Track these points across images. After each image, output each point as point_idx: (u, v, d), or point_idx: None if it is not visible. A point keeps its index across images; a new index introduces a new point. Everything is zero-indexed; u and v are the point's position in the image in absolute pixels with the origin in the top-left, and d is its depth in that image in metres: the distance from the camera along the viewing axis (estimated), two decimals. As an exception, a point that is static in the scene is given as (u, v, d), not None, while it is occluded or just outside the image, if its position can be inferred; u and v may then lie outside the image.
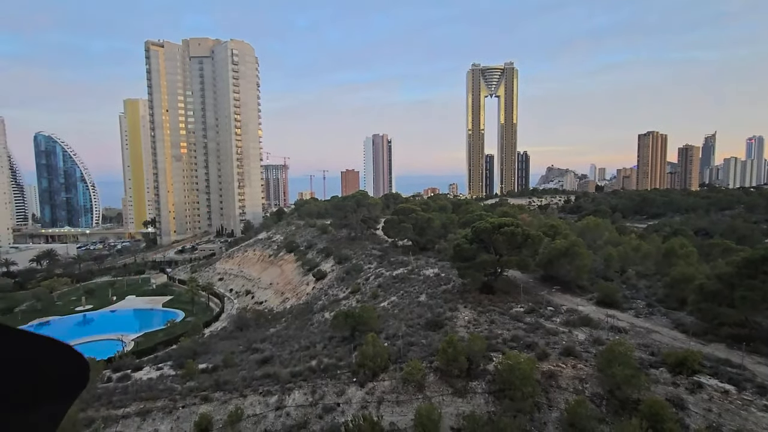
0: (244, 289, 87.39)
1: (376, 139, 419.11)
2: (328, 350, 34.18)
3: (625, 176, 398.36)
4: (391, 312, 42.14)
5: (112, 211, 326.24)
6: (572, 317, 33.38)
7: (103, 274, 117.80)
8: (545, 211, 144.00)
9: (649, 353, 26.25)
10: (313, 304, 59.13)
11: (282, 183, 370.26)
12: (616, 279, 44.13)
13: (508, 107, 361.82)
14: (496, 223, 41.39)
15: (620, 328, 31.01)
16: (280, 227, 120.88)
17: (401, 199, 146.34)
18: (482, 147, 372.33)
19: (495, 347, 28.08)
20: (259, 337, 47.26)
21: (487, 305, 37.99)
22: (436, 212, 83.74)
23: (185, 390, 29.14)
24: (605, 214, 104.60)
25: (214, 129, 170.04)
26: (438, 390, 25.40)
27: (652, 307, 35.73)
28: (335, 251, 77.34)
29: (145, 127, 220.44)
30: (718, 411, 20.61)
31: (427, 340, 31.22)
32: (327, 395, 26.55)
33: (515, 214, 75.70)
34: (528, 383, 22.76)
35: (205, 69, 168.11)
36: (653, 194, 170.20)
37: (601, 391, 23.24)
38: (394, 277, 54.14)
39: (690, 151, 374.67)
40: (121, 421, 26.96)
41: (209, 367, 34.22)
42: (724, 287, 28.13)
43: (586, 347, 27.53)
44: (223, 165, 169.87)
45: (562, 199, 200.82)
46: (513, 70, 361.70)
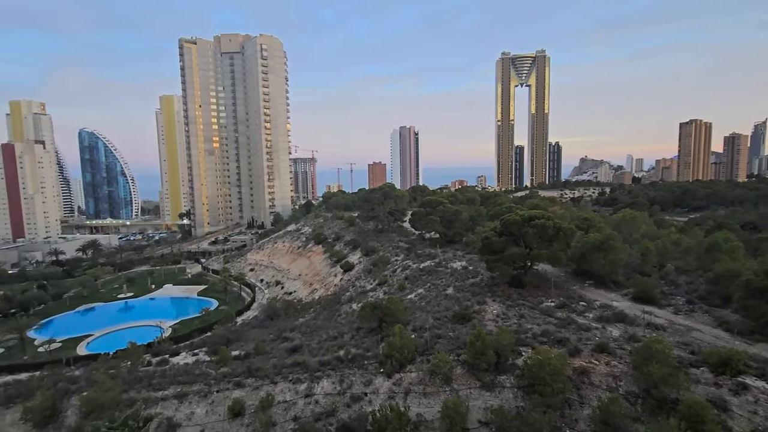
0: (274, 280, 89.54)
1: (403, 131, 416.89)
2: (356, 341, 34.59)
3: (665, 167, 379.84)
4: (418, 304, 42.11)
5: (150, 204, 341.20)
6: (606, 313, 32.32)
7: (142, 263, 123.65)
8: (578, 203, 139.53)
9: (689, 352, 25.09)
10: (340, 296, 59.91)
11: (310, 176, 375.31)
12: (653, 274, 42.26)
13: (540, 96, 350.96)
14: (526, 216, 40.42)
15: (658, 325, 29.76)
16: (309, 219, 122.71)
17: (428, 191, 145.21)
18: (512, 138, 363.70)
19: (524, 342, 27.59)
20: (289, 327, 48.39)
21: (516, 299, 37.32)
22: (464, 205, 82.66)
23: (219, 375, 30.28)
24: (642, 206, 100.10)
25: (245, 123, 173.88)
26: (465, 383, 25.25)
27: (692, 304, 34.08)
28: (362, 243, 77.86)
29: (179, 122, 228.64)
30: (765, 414, 19.50)
31: (454, 333, 31.04)
32: (354, 385, 26.92)
33: (546, 207, 73.75)
34: (558, 379, 22.25)
35: (235, 64, 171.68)
36: (695, 186, 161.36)
37: (636, 390, 22.45)
38: (421, 270, 54.00)
39: (737, 139, 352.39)
40: (160, 403, 28.37)
41: (241, 354, 35.38)
42: (774, 284, 26.44)
43: (620, 344, 26.61)
44: (253, 158, 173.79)
45: (596, 192, 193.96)
46: (545, 57, 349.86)
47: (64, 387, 33.20)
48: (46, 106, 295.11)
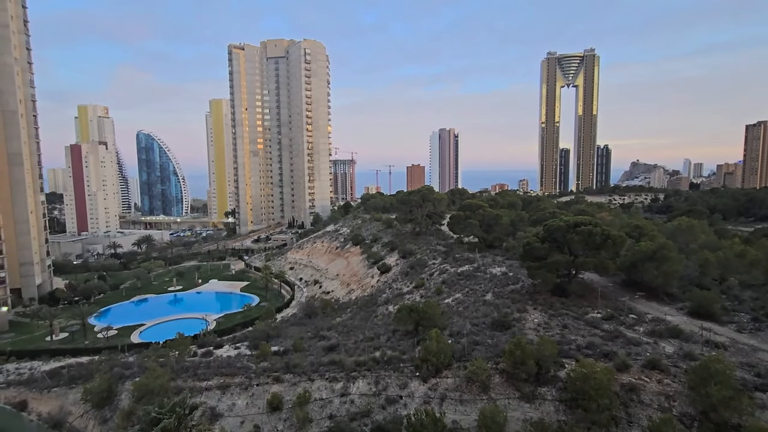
0: (313, 279, 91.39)
1: (443, 133, 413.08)
2: (392, 343, 34.59)
3: (728, 172, 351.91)
4: (455, 309, 41.49)
5: (198, 202, 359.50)
6: (659, 327, 30.35)
7: (190, 258, 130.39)
8: (628, 210, 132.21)
9: (754, 374, 23.03)
10: (377, 297, 60.16)
11: (349, 177, 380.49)
12: (713, 288, 39.19)
13: (588, 97, 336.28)
14: (571, 222, 38.81)
15: (718, 343, 27.55)
16: (347, 220, 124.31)
17: (467, 194, 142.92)
18: (556, 140, 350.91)
19: (567, 353, 26.45)
20: (326, 326, 49.18)
21: (559, 308, 35.87)
22: (505, 209, 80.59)
23: (259, 369, 31.29)
24: (701, 214, 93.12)
25: (287, 125, 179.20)
26: (503, 393, 24.55)
27: (759, 322, 31.29)
28: (400, 245, 77.82)
29: (227, 124, 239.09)
30: None
31: (492, 340, 30.30)
32: (390, 387, 26.90)
33: (593, 213, 70.44)
34: (605, 394, 21.13)
35: (280, 69, 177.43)
36: (763, 193, 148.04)
37: (692, 412, 20.89)
38: (459, 274, 53.19)
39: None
40: (204, 392, 29.72)
41: (281, 350, 36.38)
42: None
43: (674, 361, 24.87)
44: (294, 160, 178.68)
45: (648, 198, 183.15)
46: (594, 57, 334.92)
47: (119, 372, 35.59)
48: (108, 110, 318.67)
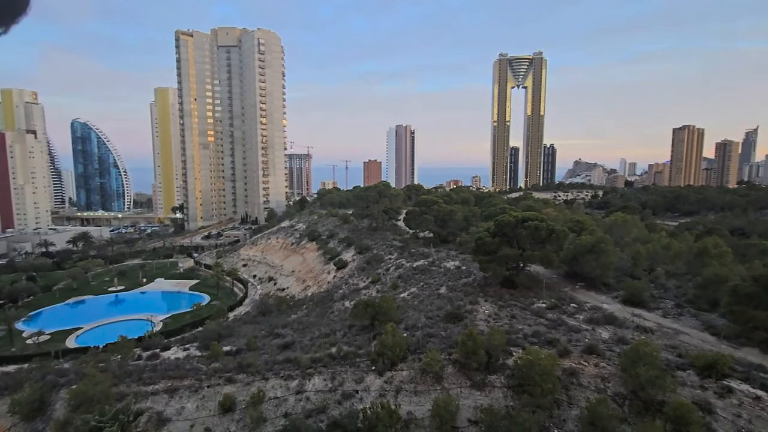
0: (267, 276, 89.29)
1: (399, 129, 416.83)
2: (348, 338, 34.69)
3: (657, 172, 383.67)
4: (410, 303, 42.29)
5: (142, 197, 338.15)
6: (596, 315, 32.68)
7: (133, 256, 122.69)
8: (571, 206, 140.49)
9: (676, 355, 25.49)
10: (333, 293, 59.94)
11: (305, 172, 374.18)
12: (643, 278, 42.82)
13: (536, 99, 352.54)
14: (519, 217, 40.71)
15: (646, 327, 30.19)
16: (303, 216, 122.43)
17: (423, 190, 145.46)
18: (507, 139, 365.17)
19: (515, 342, 27.85)
20: (281, 323, 48.36)
21: (508, 300, 37.63)
22: (459, 205, 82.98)
23: (210, 371, 30.24)
24: (634, 210, 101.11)
25: (240, 118, 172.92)
26: (456, 382, 25.46)
27: (681, 308, 34.58)
28: (356, 241, 77.91)
29: (174, 115, 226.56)
30: (749, 417, 19.89)
31: (446, 332, 31.23)
32: (346, 382, 27.02)
33: (540, 209, 74.26)
34: (548, 379, 22.52)
35: (232, 58, 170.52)
36: (687, 191, 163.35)
37: (623, 391, 22.78)
38: (415, 269, 54.19)
39: (728, 146, 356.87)
40: (151, 397, 28.27)
41: (233, 350, 35.35)
42: (761, 290, 26.93)
43: (609, 346, 26.97)
44: (248, 153, 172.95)
45: (589, 194, 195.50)
46: (542, 60, 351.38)
47: (52, 380, 32.91)
48: (38, 96, 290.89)
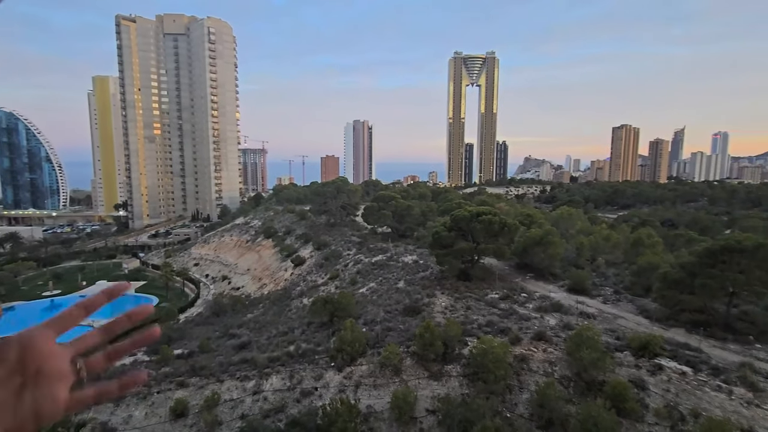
0: (221, 275, 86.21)
1: (357, 125, 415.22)
2: (307, 336, 34.38)
3: (599, 168, 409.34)
4: (369, 298, 42.55)
5: (80, 193, 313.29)
6: (544, 303, 34.54)
7: (71, 258, 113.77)
8: (522, 200, 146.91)
9: (614, 337, 27.55)
10: (291, 290, 59.00)
11: (260, 167, 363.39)
12: (586, 267, 45.74)
13: (489, 97, 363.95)
14: (474, 212, 42.07)
15: (589, 313, 32.35)
16: (258, 212, 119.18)
17: (381, 186, 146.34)
18: (462, 136, 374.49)
19: (470, 332, 28.87)
20: (236, 323, 47.00)
21: (463, 292, 38.84)
22: (416, 200, 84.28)
23: (160, 376, 28.84)
24: (578, 204, 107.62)
25: (190, 110, 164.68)
26: (414, 374, 26.02)
27: (619, 294, 37.35)
28: (314, 237, 77.03)
29: (115, 106, 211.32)
30: (676, 391, 21.95)
31: (404, 325, 31.77)
32: (305, 380, 26.81)
33: (493, 203, 77.02)
34: (501, 366, 23.58)
35: (180, 47, 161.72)
36: (624, 186, 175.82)
37: (569, 374, 24.33)
38: (373, 264, 54.50)
39: (660, 144, 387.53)
40: (93, 407, 26.55)
41: (185, 353, 33.91)
42: (686, 275, 29.65)
43: (556, 332, 28.64)
44: (198, 147, 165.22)
45: (538, 189, 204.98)
46: (494, 59, 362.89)
47: (-23, 395, 30.00)
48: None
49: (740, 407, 20.31)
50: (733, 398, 20.86)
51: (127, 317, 1.52)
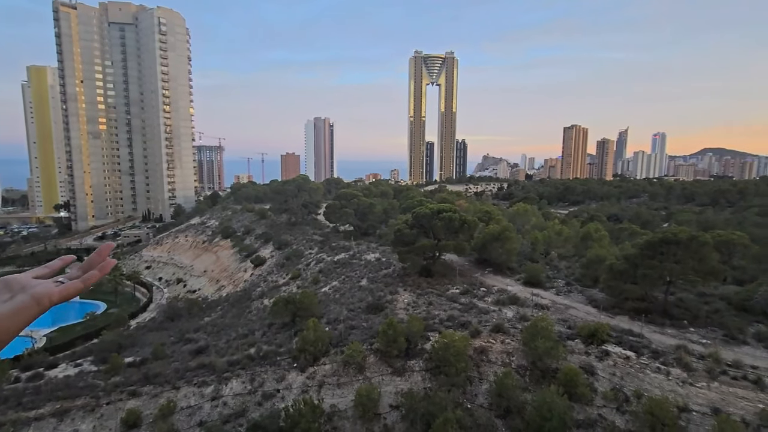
0: (175, 278, 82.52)
1: (318, 122, 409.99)
2: (268, 337, 33.69)
3: (551, 166, 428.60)
4: (332, 297, 42.30)
5: (14, 193, 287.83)
6: (502, 297, 35.82)
7: (5, 263, 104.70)
8: (480, 197, 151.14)
9: (566, 327, 29.07)
10: (251, 291, 57.52)
11: (217, 165, 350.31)
12: (541, 261, 47.88)
13: (449, 96, 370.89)
14: (435, 209, 42.84)
15: (543, 305, 33.91)
16: (215, 212, 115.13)
17: (343, 184, 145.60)
18: (423, 134, 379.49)
19: (432, 327, 29.43)
20: (193, 327, 45.23)
21: (425, 288, 39.49)
22: (378, 198, 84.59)
23: (109, 386, 27.25)
24: (533, 200, 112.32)
25: (139, 104, 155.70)
26: (378, 370, 26.19)
27: (570, 286, 39.41)
28: (275, 237, 75.44)
29: (55, 98, 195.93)
30: (621, 375, 23.53)
31: (368, 323, 31.88)
32: (267, 382, 26.27)
33: (453, 201, 78.78)
34: (461, 359, 24.25)
35: (127, 37, 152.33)
36: (574, 183, 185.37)
37: (525, 363, 25.42)
38: (336, 262, 54.20)
39: (606, 144, 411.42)
40: (33, 423, 24.66)
41: (137, 361, 32.22)
42: (629, 267, 31.79)
43: (513, 324, 29.81)
44: (149, 144, 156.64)
45: (495, 187, 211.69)
46: (453, 59, 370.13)
47: None
48: None
49: (677, 386, 22.10)
50: (670, 378, 22.66)
51: (97, 255, 1.97)
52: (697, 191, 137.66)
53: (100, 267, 1.93)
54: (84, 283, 1.85)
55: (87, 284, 1.87)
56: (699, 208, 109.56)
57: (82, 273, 1.91)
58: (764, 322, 29.15)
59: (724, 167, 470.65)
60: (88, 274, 1.89)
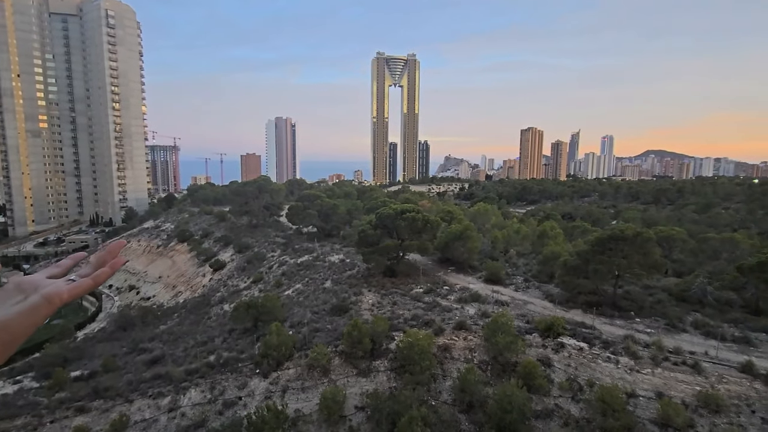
0: (127, 285, 78.27)
1: (279, 122, 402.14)
2: (229, 343, 32.68)
3: (510, 166, 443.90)
4: (296, 300, 41.65)
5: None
6: (464, 295, 36.68)
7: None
8: (443, 197, 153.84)
9: (525, 321, 30.22)
10: (210, 297, 55.54)
11: (172, 166, 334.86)
12: (500, 258, 49.45)
13: (411, 97, 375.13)
14: (398, 210, 43.21)
15: (503, 301, 35.06)
16: (171, 215, 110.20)
17: (306, 185, 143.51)
18: (386, 135, 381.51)
19: (397, 327, 29.67)
20: (147, 336, 43.08)
21: (390, 288, 39.74)
22: (342, 199, 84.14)
23: (54, 403, 25.43)
24: (493, 200, 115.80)
25: (85, 101, 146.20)
26: (343, 372, 26.06)
27: (528, 282, 40.98)
28: (235, 239, 73.24)
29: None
30: (575, 365, 24.76)
31: (332, 325, 31.65)
32: (228, 390, 25.48)
33: (416, 201, 79.78)
34: (426, 357, 24.60)
35: (71, 29, 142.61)
36: (531, 183, 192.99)
37: (487, 358, 26.17)
38: (299, 265, 53.41)
39: (560, 146, 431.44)
40: None
41: (84, 374, 30.30)
42: (582, 262, 33.52)
43: (475, 320, 30.61)
44: (97, 143, 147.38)
45: (457, 187, 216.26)
46: (415, 61, 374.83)
47: None
48: None
49: (625, 374, 23.55)
50: (619, 366, 24.11)
51: (108, 253, 1.97)
52: (642, 190, 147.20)
53: (111, 264, 1.92)
54: (94, 281, 1.86)
55: (97, 282, 1.88)
56: (643, 206, 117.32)
57: (92, 270, 1.90)
58: (701, 311, 31.68)
59: (665, 168, 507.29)
60: (99, 272, 1.88)
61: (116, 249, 2.01)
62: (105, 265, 1.91)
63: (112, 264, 1.93)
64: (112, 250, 1.99)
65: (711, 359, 24.23)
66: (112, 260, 1.94)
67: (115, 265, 1.93)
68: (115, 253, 1.98)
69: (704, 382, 22.12)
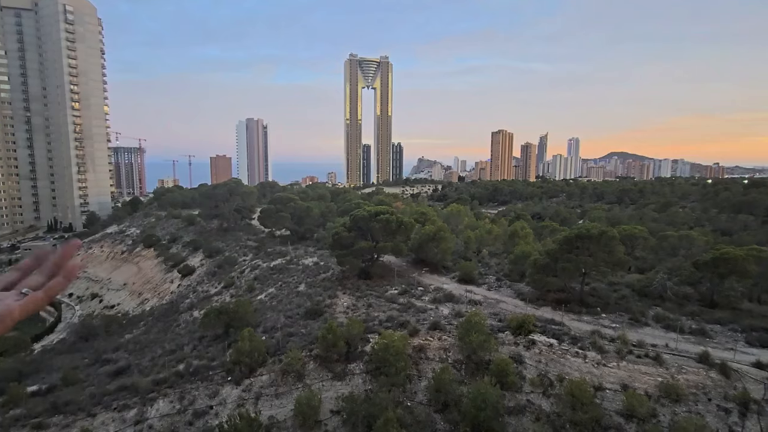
0: (89, 293, 74.65)
1: (250, 123, 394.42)
2: (199, 351, 31.71)
3: (482, 168, 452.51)
4: (269, 304, 40.89)
5: None
6: (438, 295, 37.03)
7: None
8: (416, 199, 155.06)
9: (498, 320, 30.81)
10: (179, 303, 53.73)
11: (137, 168, 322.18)
12: (473, 258, 50.27)
13: (384, 99, 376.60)
14: (373, 212, 43.20)
15: (476, 301, 35.63)
16: (136, 219, 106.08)
17: (278, 187, 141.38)
18: (360, 137, 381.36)
19: (372, 329, 29.60)
20: (111, 346, 41.25)
21: (364, 290, 39.64)
22: (315, 201, 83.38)
23: (8, 420, 23.92)
24: (466, 201, 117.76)
25: (41, 101, 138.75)
26: (318, 377, 25.76)
27: (500, 281, 41.85)
28: (205, 244, 71.22)
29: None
30: (546, 361, 25.43)
31: (306, 329, 31.24)
32: (198, 399, 24.69)
33: (390, 203, 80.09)
34: (401, 359, 24.65)
35: (25, 25, 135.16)
36: (502, 184, 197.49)
37: (461, 357, 26.50)
38: (272, 268, 52.50)
39: (529, 148, 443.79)
40: None
41: (42, 389, 28.64)
42: (551, 261, 34.53)
43: (449, 320, 30.95)
44: (54, 145, 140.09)
45: (431, 188, 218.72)
46: (388, 64, 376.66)
47: None
48: None
49: (592, 368, 24.39)
50: (587, 361, 24.95)
51: (61, 257, 1.74)
52: (606, 191, 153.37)
53: (65, 273, 1.70)
54: (47, 294, 1.65)
55: (50, 295, 1.66)
56: (608, 205, 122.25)
57: (45, 279, 1.68)
58: (661, 305, 33.27)
59: (627, 169, 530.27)
60: (52, 284, 1.66)
61: (70, 251, 1.78)
62: (58, 272, 1.70)
63: (66, 273, 1.71)
64: (65, 254, 1.76)
65: (671, 351, 25.46)
66: (65, 265, 1.71)
67: (70, 275, 1.72)
68: (68, 257, 1.76)
69: (665, 374, 23.20)
